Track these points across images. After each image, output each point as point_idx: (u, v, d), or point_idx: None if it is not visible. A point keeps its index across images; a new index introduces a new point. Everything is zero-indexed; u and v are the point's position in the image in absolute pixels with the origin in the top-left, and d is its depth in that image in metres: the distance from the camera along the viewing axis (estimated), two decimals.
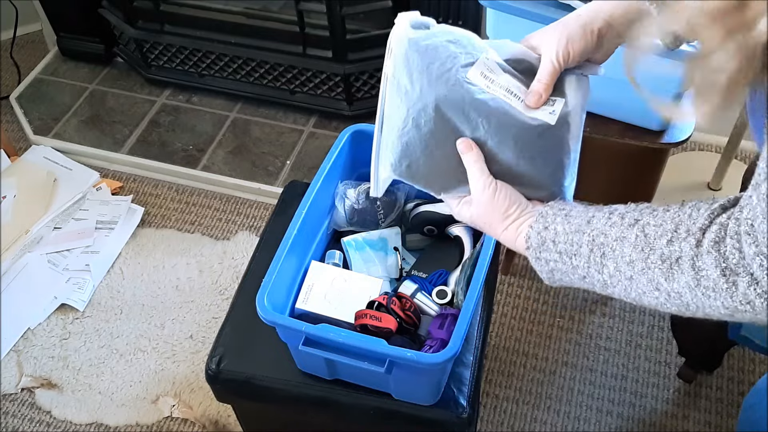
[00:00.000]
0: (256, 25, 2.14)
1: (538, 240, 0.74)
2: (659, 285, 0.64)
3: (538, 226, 0.74)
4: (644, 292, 0.66)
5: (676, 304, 0.64)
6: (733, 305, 0.59)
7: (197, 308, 1.86)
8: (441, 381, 1.11)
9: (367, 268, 1.22)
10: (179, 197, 2.14)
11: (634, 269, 0.65)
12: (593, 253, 0.68)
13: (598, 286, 0.71)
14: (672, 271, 0.62)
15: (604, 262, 0.68)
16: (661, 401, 1.65)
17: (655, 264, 0.63)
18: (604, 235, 0.68)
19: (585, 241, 0.69)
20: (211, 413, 1.67)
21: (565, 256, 0.71)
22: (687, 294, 0.62)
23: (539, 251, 0.73)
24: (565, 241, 0.71)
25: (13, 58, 2.55)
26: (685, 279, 0.61)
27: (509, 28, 1.32)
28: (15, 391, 1.74)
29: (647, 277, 0.64)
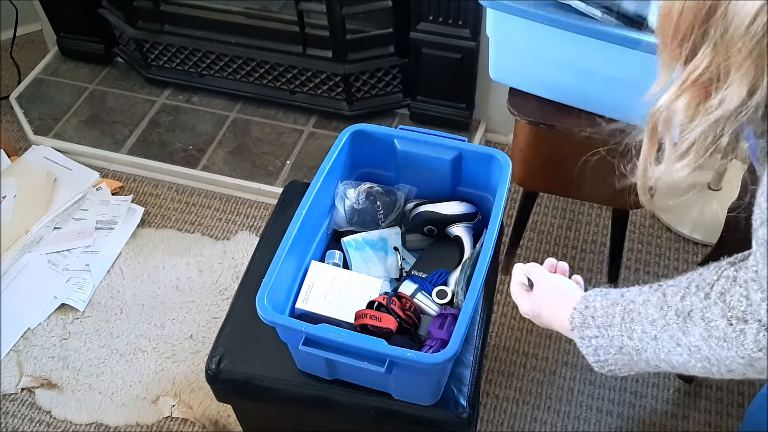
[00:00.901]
0: (256, 25, 2.14)
1: (580, 319, 0.77)
2: (679, 340, 0.66)
3: (581, 307, 0.78)
4: (669, 351, 0.68)
5: (698, 359, 0.66)
6: (746, 353, 0.61)
7: (197, 308, 1.86)
8: (441, 381, 1.11)
9: (367, 268, 1.22)
10: (179, 197, 2.14)
11: (656, 327, 0.68)
12: (624, 320, 0.71)
13: (635, 355, 0.71)
14: (686, 325, 0.64)
15: (633, 327, 0.70)
16: (661, 401, 1.65)
17: (672, 320, 0.66)
18: (632, 302, 0.71)
19: (618, 311, 0.72)
20: (211, 413, 1.67)
21: (602, 329, 0.74)
22: (704, 347, 0.64)
23: (582, 330, 0.76)
24: (602, 315, 0.74)
25: (13, 58, 2.55)
26: (698, 331, 0.63)
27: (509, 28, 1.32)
28: (15, 391, 1.74)
29: (668, 334, 0.67)
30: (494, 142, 2.22)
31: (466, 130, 2.16)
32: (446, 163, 1.23)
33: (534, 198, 1.77)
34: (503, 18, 1.30)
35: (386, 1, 1.94)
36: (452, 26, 1.90)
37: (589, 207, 2.02)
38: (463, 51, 1.94)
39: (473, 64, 1.98)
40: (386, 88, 2.16)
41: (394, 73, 2.11)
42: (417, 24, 1.93)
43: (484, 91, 2.10)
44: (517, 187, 1.95)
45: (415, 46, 1.98)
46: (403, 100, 2.19)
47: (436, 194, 1.27)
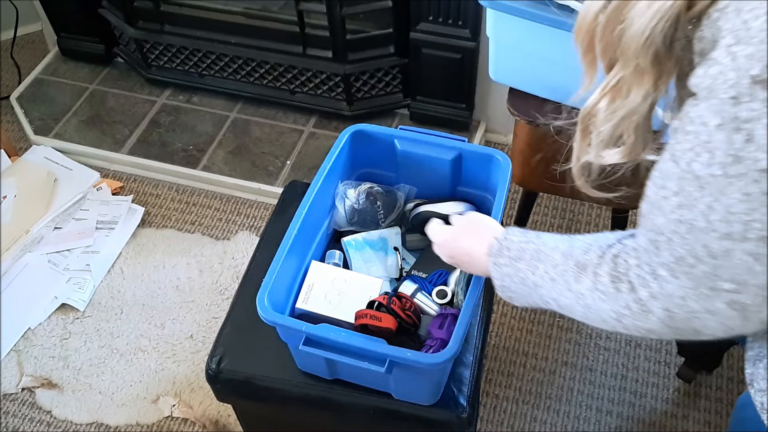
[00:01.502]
0: (256, 25, 2.14)
1: (497, 247, 0.85)
2: (570, 286, 0.74)
3: (501, 237, 0.86)
4: (560, 293, 0.76)
5: (581, 306, 0.73)
6: (617, 309, 0.68)
7: (197, 308, 1.86)
8: (441, 381, 1.11)
9: (367, 268, 1.22)
10: (179, 197, 2.14)
11: (556, 271, 0.76)
12: (532, 258, 0.80)
13: (532, 288, 0.81)
14: (580, 275, 0.72)
15: (538, 265, 0.79)
16: (660, 401, 1.66)
17: (570, 268, 0.74)
18: (544, 245, 0.80)
19: (530, 249, 0.81)
20: (212, 413, 1.67)
21: (513, 261, 0.83)
22: (588, 296, 0.71)
23: (497, 257, 0.85)
24: (516, 249, 0.83)
25: (14, 58, 2.55)
26: (587, 282, 0.71)
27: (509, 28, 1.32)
28: (15, 391, 1.74)
29: (564, 279, 0.74)
30: (494, 142, 2.22)
31: (466, 130, 2.16)
32: (446, 163, 1.23)
33: (534, 198, 1.77)
34: (503, 18, 1.30)
35: (386, 1, 1.94)
36: (452, 26, 1.90)
37: (589, 207, 2.02)
38: (463, 51, 1.94)
39: (473, 64, 1.98)
40: (386, 88, 2.16)
41: (394, 73, 2.12)
42: (417, 24, 1.93)
43: (484, 91, 2.10)
44: (517, 187, 1.95)
45: (415, 46, 1.98)
46: (403, 100, 2.19)
47: (436, 194, 1.28)
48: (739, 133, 0.49)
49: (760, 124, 0.48)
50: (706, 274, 0.57)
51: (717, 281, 0.56)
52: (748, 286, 0.55)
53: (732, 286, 0.56)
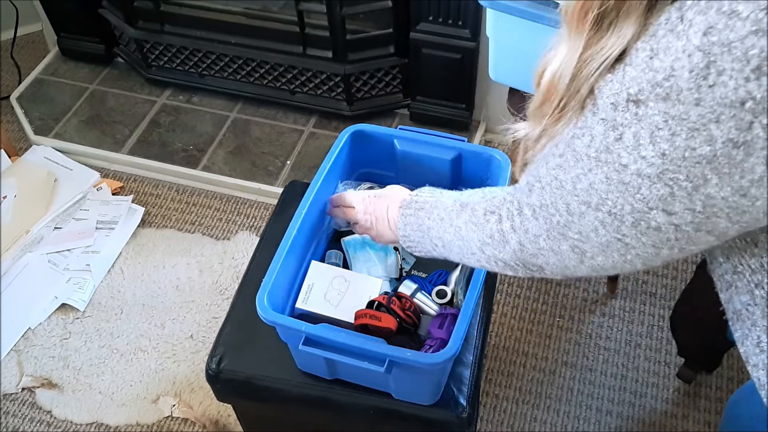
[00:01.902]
0: (256, 26, 2.14)
1: (408, 200, 0.98)
2: (452, 222, 0.87)
3: (414, 193, 0.99)
4: (445, 229, 0.88)
5: (457, 238, 0.86)
6: (482, 238, 0.80)
7: (197, 308, 1.86)
8: (441, 381, 1.11)
9: (367, 268, 1.22)
10: (179, 197, 2.14)
11: (447, 212, 0.89)
12: (432, 206, 0.93)
13: (426, 232, 0.93)
14: (461, 211, 0.85)
15: (433, 210, 0.92)
16: (660, 401, 1.66)
17: (456, 208, 0.87)
18: (446, 195, 0.93)
19: (431, 201, 0.94)
20: (212, 413, 1.67)
21: (417, 210, 0.95)
22: (463, 228, 0.84)
23: (405, 209, 0.97)
24: (421, 201, 0.96)
25: (14, 59, 2.55)
26: (465, 216, 0.84)
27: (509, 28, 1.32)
28: (15, 391, 1.74)
29: (449, 216, 0.87)
30: (494, 142, 2.22)
31: (466, 130, 2.16)
32: (446, 163, 1.23)
33: None
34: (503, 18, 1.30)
35: (386, 1, 1.94)
36: (452, 26, 1.90)
37: None
38: (463, 51, 1.94)
39: (473, 64, 1.98)
40: (386, 89, 2.16)
41: (394, 73, 2.12)
42: (417, 24, 1.93)
43: (484, 91, 2.10)
44: None
45: (415, 46, 1.98)
46: (403, 100, 2.19)
47: None
48: (613, 131, 0.59)
49: (629, 130, 0.57)
50: (560, 223, 0.68)
51: (567, 231, 0.68)
52: (591, 240, 0.66)
53: (578, 236, 0.67)
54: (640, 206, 0.60)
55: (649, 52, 0.56)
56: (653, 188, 0.58)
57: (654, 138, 0.56)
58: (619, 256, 0.66)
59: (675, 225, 0.59)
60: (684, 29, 0.53)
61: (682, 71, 0.53)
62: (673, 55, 0.53)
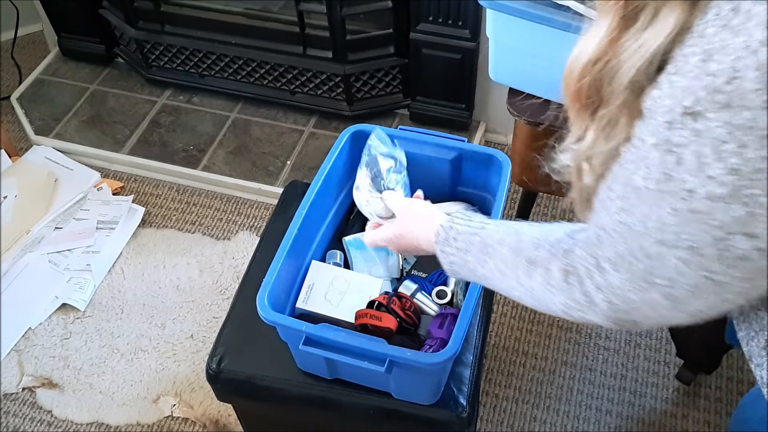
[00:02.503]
0: (256, 26, 2.14)
1: (443, 236, 0.89)
2: (521, 281, 0.77)
3: (446, 225, 0.90)
4: (511, 286, 0.79)
5: (531, 298, 0.77)
6: (565, 301, 0.71)
7: (198, 308, 1.87)
8: (441, 380, 1.11)
9: (368, 268, 1.22)
10: (180, 197, 2.14)
11: (506, 266, 0.79)
12: (480, 251, 0.84)
13: (482, 280, 0.85)
14: (531, 271, 0.75)
15: (486, 260, 0.82)
16: (660, 401, 1.66)
17: (521, 264, 0.76)
18: (491, 237, 0.83)
19: (476, 242, 0.84)
20: (212, 413, 1.68)
21: (461, 252, 0.86)
22: (538, 289, 0.74)
23: (443, 246, 0.89)
24: (462, 240, 0.86)
25: (14, 59, 2.55)
26: (539, 278, 0.74)
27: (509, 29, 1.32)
28: (16, 391, 1.74)
29: (514, 274, 0.78)
30: (494, 142, 2.22)
31: (466, 131, 2.17)
32: (446, 164, 1.23)
33: (534, 198, 1.77)
34: (503, 18, 1.31)
35: (386, 2, 1.94)
36: (452, 27, 1.90)
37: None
38: (462, 51, 1.94)
39: (473, 65, 1.99)
40: (386, 89, 2.16)
41: (394, 73, 2.12)
42: (417, 24, 1.93)
43: (484, 91, 2.10)
44: (517, 187, 1.95)
45: (415, 46, 1.98)
46: (403, 100, 2.19)
47: (436, 194, 1.27)
48: (670, 155, 0.53)
49: (688, 150, 0.51)
50: (643, 271, 0.61)
51: (652, 278, 0.61)
52: (679, 283, 0.59)
53: (665, 282, 0.60)
54: (719, 234, 0.53)
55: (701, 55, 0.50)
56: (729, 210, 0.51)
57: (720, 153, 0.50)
58: (715, 296, 0.59)
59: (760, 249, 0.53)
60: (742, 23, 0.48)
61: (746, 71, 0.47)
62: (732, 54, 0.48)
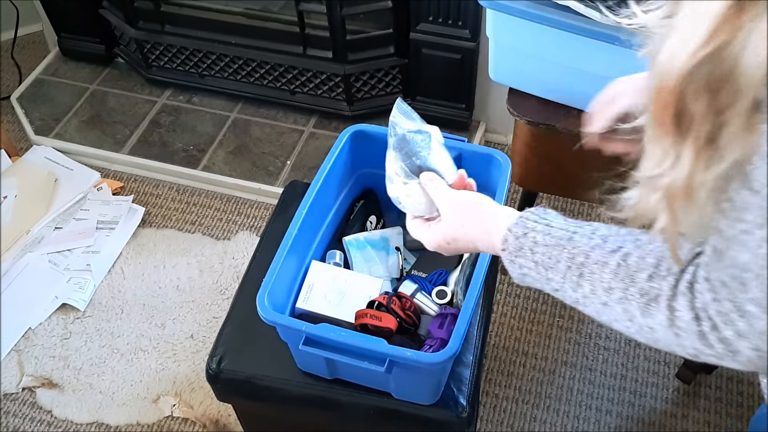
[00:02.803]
0: (256, 26, 2.14)
1: (515, 245, 0.73)
2: (633, 317, 0.64)
3: (517, 231, 0.73)
4: (616, 320, 0.67)
5: (645, 337, 0.65)
6: (697, 346, 0.61)
7: (198, 308, 1.86)
8: (441, 380, 1.11)
9: (368, 268, 1.22)
10: (180, 197, 2.14)
11: (611, 297, 0.66)
12: (570, 270, 0.69)
13: (569, 301, 0.72)
14: (649, 308, 0.63)
15: (581, 282, 0.68)
16: (660, 401, 1.66)
17: (634, 297, 0.64)
18: (585, 255, 0.68)
19: (564, 258, 0.69)
20: (212, 413, 1.67)
21: (540, 267, 0.71)
22: (660, 331, 0.63)
23: (515, 255, 0.73)
24: (543, 253, 0.71)
25: (14, 59, 2.55)
26: (661, 317, 0.62)
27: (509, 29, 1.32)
28: (16, 391, 1.74)
29: (623, 307, 0.65)
30: (494, 142, 2.22)
31: (466, 130, 2.16)
32: None
33: (534, 198, 1.77)
34: (503, 18, 1.30)
35: (386, 2, 1.94)
36: (452, 26, 1.90)
37: (589, 207, 2.02)
38: (463, 51, 1.94)
39: (473, 65, 1.99)
40: (386, 89, 2.16)
41: (394, 73, 2.12)
42: (417, 24, 1.93)
43: (484, 91, 2.10)
44: (517, 187, 1.95)
45: (415, 46, 1.98)
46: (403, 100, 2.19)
47: None
48: None
49: None
50: None
51: None
52: None
53: None
54: None
55: None
56: None
57: None
58: None
59: None
60: None
61: None
62: None
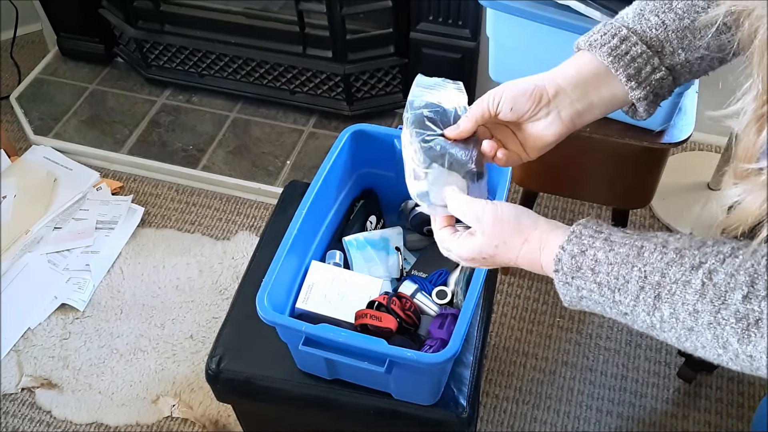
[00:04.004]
0: (256, 25, 2.14)
1: (572, 264, 0.64)
2: (728, 344, 0.56)
3: (572, 249, 0.64)
4: (704, 347, 0.58)
5: (742, 366, 0.57)
6: None
7: (197, 308, 1.86)
8: (441, 381, 1.11)
9: (368, 268, 1.22)
10: (179, 197, 2.14)
11: (698, 321, 0.57)
12: (644, 292, 0.60)
13: (643, 327, 0.62)
14: (749, 333, 0.55)
15: (658, 305, 0.59)
16: (661, 401, 1.66)
17: (728, 322, 0.55)
18: (660, 273, 0.59)
19: (635, 277, 0.60)
20: (211, 413, 1.67)
21: (606, 288, 0.62)
22: (763, 359, 0.55)
23: (571, 276, 0.64)
24: (608, 273, 0.62)
25: (14, 58, 2.55)
26: (763, 344, 0.54)
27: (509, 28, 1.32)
28: (15, 391, 1.74)
29: (714, 333, 0.57)
30: None
31: None
32: None
33: (534, 198, 1.77)
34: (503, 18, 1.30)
35: (386, 1, 1.94)
36: (452, 26, 1.90)
37: (589, 207, 2.02)
38: (463, 51, 1.94)
39: (473, 64, 1.98)
40: (386, 88, 2.16)
41: (394, 73, 2.11)
42: (417, 24, 1.93)
43: (484, 91, 2.08)
44: (517, 187, 1.95)
45: (415, 46, 1.98)
46: (403, 100, 2.19)
47: None
48: None
49: None
50: None
51: None
52: None
53: None
54: None
55: None
56: None
57: None
58: None
59: None
60: None
61: None
62: None
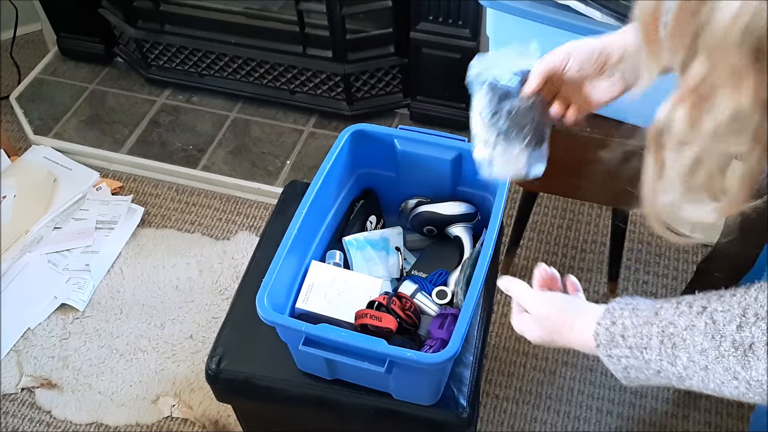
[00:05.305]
0: (256, 25, 2.14)
1: (607, 336, 0.71)
2: (737, 374, 0.61)
3: (606, 322, 0.71)
4: (722, 383, 0.62)
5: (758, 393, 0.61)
6: None
7: (197, 308, 1.86)
8: (441, 381, 1.11)
9: (368, 268, 1.22)
10: (179, 197, 2.14)
11: (708, 358, 0.62)
12: (664, 344, 0.66)
13: (675, 380, 0.67)
14: (747, 359, 0.59)
15: (676, 353, 0.65)
16: (661, 401, 1.66)
17: (728, 352, 0.60)
18: (673, 325, 0.65)
19: (654, 333, 0.66)
20: (211, 413, 1.67)
21: (636, 350, 0.68)
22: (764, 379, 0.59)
23: (609, 348, 0.71)
24: (634, 335, 0.68)
25: (13, 58, 2.55)
26: (761, 366, 0.58)
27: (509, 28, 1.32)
28: (15, 391, 1.74)
29: (723, 366, 0.61)
30: None
31: (466, 130, 2.16)
32: (446, 163, 1.23)
33: (534, 198, 1.77)
34: (503, 18, 1.30)
35: (386, 1, 1.94)
36: (452, 26, 1.90)
37: (589, 207, 2.02)
38: (463, 51, 1.94)
39: None
40: (386, 88, 2.16)
41: (394, 73, 2.11)
42: (417, 24, 1.93)
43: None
44: (517, 187, 1.95)
45: (415, 46, 1.98)
46: (403, 100, 2.19)
47: (436, 194, 1.27)
48: None
49: None
50: None
51: None
52: None
53: None
54: None
55: None
56: None
57: None
58: None
59: None
60: None
61: None
62: None
